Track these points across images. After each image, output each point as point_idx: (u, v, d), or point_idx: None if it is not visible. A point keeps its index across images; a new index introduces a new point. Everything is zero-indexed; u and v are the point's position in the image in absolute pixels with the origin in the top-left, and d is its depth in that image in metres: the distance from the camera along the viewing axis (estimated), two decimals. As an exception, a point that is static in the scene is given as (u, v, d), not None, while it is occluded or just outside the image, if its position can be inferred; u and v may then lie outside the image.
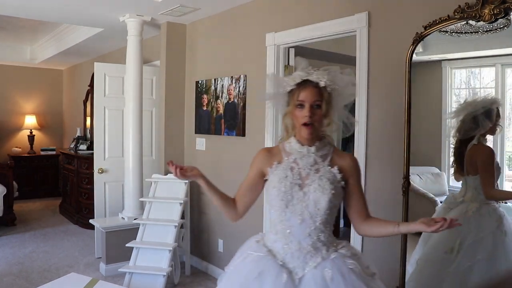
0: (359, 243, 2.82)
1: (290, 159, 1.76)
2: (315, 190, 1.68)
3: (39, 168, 7.75)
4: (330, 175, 1.72)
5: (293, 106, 1.73)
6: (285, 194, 1.69)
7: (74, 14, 4.23)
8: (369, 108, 2.77)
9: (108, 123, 4.88)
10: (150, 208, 4.01)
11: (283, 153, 1.80)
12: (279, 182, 1.71)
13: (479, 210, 2.28)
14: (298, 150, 1.76)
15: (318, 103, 1.70)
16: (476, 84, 2.56)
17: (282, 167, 1.75)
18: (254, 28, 3.66)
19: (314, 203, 1.68)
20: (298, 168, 1.74)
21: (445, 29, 2.31)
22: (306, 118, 1.69)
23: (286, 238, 1.70)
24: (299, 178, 1.72)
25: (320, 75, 1.71)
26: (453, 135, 2.42)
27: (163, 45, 4.49)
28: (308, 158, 1.74)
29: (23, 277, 4.00)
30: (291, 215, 1.69)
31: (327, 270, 1.63)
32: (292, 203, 1.69)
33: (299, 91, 1.71)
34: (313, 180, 1.70)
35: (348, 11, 2.86)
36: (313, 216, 1.68)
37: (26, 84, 7.96)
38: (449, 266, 2.31)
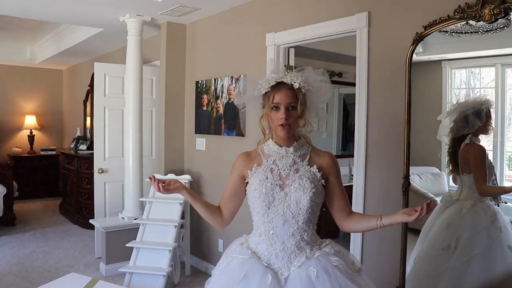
0: (359, 243, 2.82)
1: (270, 161, 1.79)
2: (296, 189, 1.71)
3: (39, 168, 7.75)
4: (310, 174, 1.75)
5: (268, 108, 1.75)
6: (266, 196, 1.72)
7: (74, 14, 4.23)
8: (369, 108, 2.77)
9: (108, 123, 4.88)
10: (150, 208, 4.01)
11: (262, 155, 1.82)
12: (259, 184, 1.74)
13: (473, 207, 2.33)
14: (277, 151, 1.79)
15: (293, 105, 1.73)
16: (476, 84, 2.56)
17: (262, 169, 1.77)
18: (254, 28, 3.66)
19: (296, 202, 1.70)
20: (278, 169, 1.77)
21: (445, 29, 2.31)
22: (281, 120, 1.72)
23: (269, 239, 1.73)
24: (280, 179, 1.75)
25: (294, 76, 1.74)
26: (446, 135, 2.44)
27: (163, 45, 4.49)
28: (287, 158, 1.78)
29: (23, 277, 4.00)
30: (273, 216, 1.72)
31: (311, 268, 1.66)
32: (274, 204, 1.72)
33: (274, 94, 1.73)
34: (293, 180, 1.73)
35: (348, 11, 2.86)
36: (295, 216, 1.71)
37: (26, 84, 7.96)
38: (447, 262, 2.35)
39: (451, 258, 2.33)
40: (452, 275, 2.32)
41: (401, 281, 2.48)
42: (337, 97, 5.77)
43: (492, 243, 2.27)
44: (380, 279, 2.72)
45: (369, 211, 2.77)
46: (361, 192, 2.80)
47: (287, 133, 1.75)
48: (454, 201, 2.41)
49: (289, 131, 1.75)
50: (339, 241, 5.67)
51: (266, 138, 1.86)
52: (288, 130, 1.74)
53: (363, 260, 2.81)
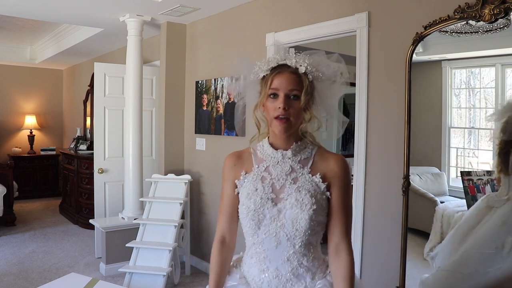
0: (359, 243, 2.82)
1: (261, 167, 1.43)
2: (292, 206, 1.36)
3: (39, 168, 7.75)
4: (311, 185, 1.39)
5: (265, 95, 1.39)
6: (255, 213, 1.38)
7: (74, 14, 4.23)
8: (369, 108, 2.77)
9: (108, 123, 4.88)
10: (150, 208, 4.01)
11: (254, 159, 1.47)
12: (247, 197, 1.40)
13: None
14: (271, 156, 1.43)
15: (296, 93, 1.37)
16: (476, 84, 2.56)
17: (251, 178, 1.42)
18: (254, 28, 3.66)
19: (291, 222, 1.36)
20: (271, 178, 1.41)
21: (445, 29, 2.31)
22: (279, 110, 1.35)
23: (261, 264, 1.41)
24: (272, 191, 1.39)
25: (300, 59, 1.40)
26: (497, 136, 2.39)
27: (163, 45, 4.49)
28: (283, 165, 1.41)
29: (23, 277, 4.00)
30: (264, 236, 1.39)
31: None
32: (265, 223, 1.38)
33: (272, 77, 1.38)
34: (289, 194, 1.37)
35: (348, 11, 2.86)
36: (290, 238, 1.37)
37: (26, 84, 7.96)
38: (500, 261, 2.25)
39: (506, 258, 2.25)
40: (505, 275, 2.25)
41: (401, 281, 2.48)
42: (337, 97, 5.75)
43: None
44: (380, 279, 2.72)
45: (369, 211, 2.77)
46: (361, 192, 2.80)
47: (285, 129, 1.37)
48: (504, 200, 2.36)
49: (287, 126, 1.37)
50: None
51: (260, 134, 1.49)
52: (286, 125, 1.36)
53: (363, 260, 2.81)
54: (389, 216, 2.64)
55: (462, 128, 2.62)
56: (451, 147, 2.61)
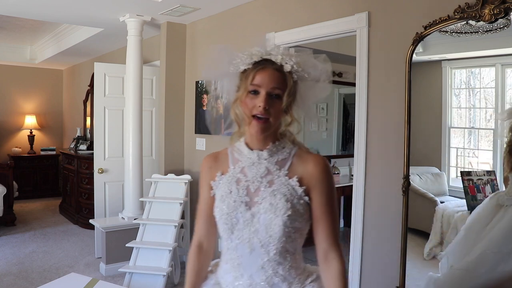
0: (359, 243, 2.82)
1: (237, 168, 1.35)
2: (265, 210, 1.27)
3: (39, 168, 7.74)
4: (287, 189, 1.29)
5: (244, 91, 1.29)
6: (228, 216, 1.30)
7: (74, 14, 4.23)
8: (369, 108, 2.77)
9: (108, 123, 4.88)
10: (150, 208, 4.01)
11: (230, 159, 1.38)
12: (221, 200, 1.32)
13: None
14: (247, 156, 1.34)
15: (278, 92, 1.27)
16: (476, 84, 2.56)
17: (226, 180, 1.34)
18: (254, 28, 3.65)
19: (265, 228, 1.27)
20: (246, 180, 1.32)
21: (445, 29, 2.31)
22: (259, 109, 1.25)
23: (235, 271, 1.33)
24: (247, 194, 1.30)
25: (286, 56, 1.30)
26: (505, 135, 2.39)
27: (163, 45, 4.49)
28: (259, 166, 1.32)
29: (23, 277, 4.00)
30: (238, 242, 1.30)
31: None
32: (238, 227, 1.30)
33: (255, 72, 1.27)
34: (263, 197, 1.29)
35: (348, 11, 2.86)
36: (264, 245, 1.28)
37: (26, 84, 7.96)
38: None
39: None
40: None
41: (401, 281, 2.48)
42: (337, 97, 5.76)
43: None
44: (380, 279, 2.72)
45: (369, 211, 2.77)
46: (361, 192, 2.80)
47: (263, 130, 1.28)
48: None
49: (266, 127, 1.28)
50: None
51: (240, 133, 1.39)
52: (265, 126, 1.27)
53: (363, 260, 2.81)
54: (389, 216, 2.64)
55: (462, 128, 2.62)
56: (451, 147, 2.61)
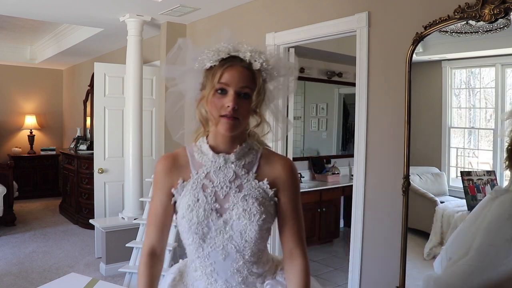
0: (359, 243, 2.82)
1: (201, 174, 1.28)
2: (239, 217, 1.24)
3: (39, 168, 7.74)
4: (258, 192, 1.27)
5: (211, 90, 1.21)
6: (198, 226, 1.24)
7: (74, 14, 4.23)
8: (369, 108, 2.77)
9: (108, 123, 4.88)
10: (150, 208, 4.00)
11: (191, 163, 1.30)
12: (188, 209, 1.24)
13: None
14: (211, 160, 1.28)
15: (247, 91, 1.22)
16: (476, 84, 2.56)
17: (191, 187, 1.27)
18: (254, 28, 3.65)
19: (240, 233, 1.24)
20: (213, 186, 1.26)
21: (445, 29, 2.31)
22: (228, 109, 1.19)
23: (208, 277, 1.30)
24: (216, 201, 1.25)
25: (255, 53, 1.24)
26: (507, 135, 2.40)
27: (163, 45, 4.49)
28: (226, 170, 1.27)
29: (23, 277, 4.00)
30: (211, 250, 1.26)
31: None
32: (210, 235, 1.25)
33: (222, 70, 1.20)
34: (234, 203, 1.25)
35: (348, 11, 2.86)
36: (240, 250, 1.26)
37: (26, 84, 7.96)
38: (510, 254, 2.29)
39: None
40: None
41: (401, 281, 2.48)
42: (337, 97, 5.77)
43: None
44: (380, 279, 2.72)
45: (369, 211, 2.77)
46: (361, 192, 2.80)
47: (232, 129, 1.22)
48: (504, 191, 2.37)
49: (234, 127, 1.22)
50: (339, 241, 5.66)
51: (203, 132, 1.31)
52: (233, 125, 1.21)
53: (363, 260, 2.81)
54: (389, 216, 2.64)
55: (462, 128, 2.62)
56: (451, 147, 2.61)
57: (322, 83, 5.54)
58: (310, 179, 5.21)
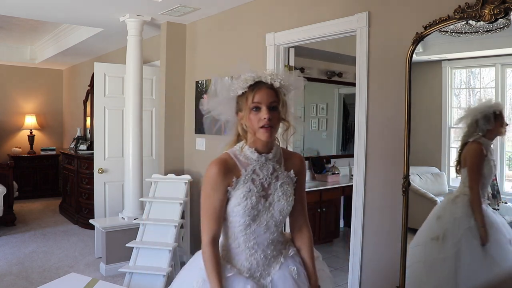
0: (359, 243, 2.82)
1: (249, 171, 1.64)
2: (279, 198, 1.65)
3: (39, 168, 7.75)
4: (289, 179, 1.70)
5: (247, 110, 1.60)
6: (252, 210, 1.60)
7: (74, 14, 4.23)
8: (369, 108, 2.77)
9: (108, 123, 4.88)
10: (150, 208, 4.00)
11: (239, 164, 1.65)
12: (244, 198, 1.60)
13: (455, 199, 2.43)
14: (256, 160, 1.65)
15: (275, 104, 1.60)
16: (476, 84, 2.56)
17: (243, 181, 1.62)
18: (254, 28, 3.66)
19: (279, 211, 1.65)
20: (259, 179, 1.64)
21: (445, 29, 2.31)
22: (264, 120, 1.57)
23: (250, 250, 1.65)
24: (262, 190, 1.64)
25: (273, 75, 1.63)
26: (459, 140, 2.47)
27: (163, 45, 4.49)
28: (268, 166, 1.66)
29: (23, 277, 4.00)
30: (256, 227, 1.64)
31: (291, 267, 1.67)
32: (259, 216, 1.63)
33: (253, 93, 1.59)
34: (275, 189, 1.65)
35: (348, 11, 2.86)
36: (277, 224, 1.67)
37: (26, 84, 7.96)
38: (438, 252, 2.43)
39: (441, 249, 2.41)
40: (445, 265, 2.38)
41: (401, 281, 2.48)
42: (337, 97, 5.77)
43: (462, 233, 2.36)
44: (380, 279, 2.72)
45: (370, 211, 2.77)
46: (361, 192, 2.80)
47: (270, 136, 1.60)
48: (447, 194, 2.48)
49: (271, 133, 1.60)
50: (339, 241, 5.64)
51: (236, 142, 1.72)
52: (271, 132, 1.59)
53: (363, 260, 2.82)
54: (389, 216, 2.64)
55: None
56: (451, 147, 2.61)
57: (322, 83, 5.54)
58: (310, 179, 5.21)
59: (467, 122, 2.42)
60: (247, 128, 1.63)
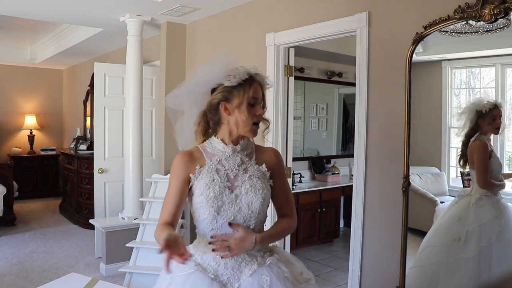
0: (359, 243, 2.82)
1: (214, 161, 1.60)
2: (247, 191, 1.56)
3: (39, 168, 7.74)
4: (260, 173, 1.62)
5: (245, 103, 1.56)
6: (215, 200, 1.54)
7: (74, 14, 4.23)
8: (369, 108, 2.77)
9: (108, 123, 4.88)
10: (150, 208, 4.00)
11: (205, 155, 1.63)
12: (206, 187, 1.55)
13: (478, 201, 2.37)
14: (222, 150, 1.61)
15: (263, 103, 1.62)
16: (476, 84, 2.56)
17: (207, 171, 1.58)
18: (254, 28, 3.66)
19: (247, 205, 1.56)
20: (225, 169, 1.59)
21: (445, 29, 2.31)
22: (259, 117, 1.59)
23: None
24: (228, 180, 1.58)
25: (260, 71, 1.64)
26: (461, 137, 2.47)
27: (163, 45, 4.49)
28: (235, 158, 1.61)
29: (23, 277, 4.00)
30: (223, 221, 1.55)
31: (264, 277, 1.52)
32: (224, 208, 1.55)
33: (252, 87, 1.57)
34: (243, 181, 1.58)
35: (348, 11, 2.86)
36: (246, 220, 1.56)
37: (26, 84, 7.96)
38: (459, 252, 2.40)
39: (463, 250, 2.39)
40: (465, 266, 2.37)
41: (401, 281, 2.48)
42: (337, 97, 5.77)
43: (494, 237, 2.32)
44: (380, 279, 2.72)
45: (370, 211, 2.77)
46: (361, 192, 2.80)
47: (257, 132, 1.62)
48: (465, 195, 2.45)
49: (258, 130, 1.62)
50: (339, 241, 5.63)
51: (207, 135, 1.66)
52: (258, 129, 1.61)
53: (363, 260, 2.82)
54: (389, 216, 2.64)
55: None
56: (451, 147, 2.62)
57: (322, 83, 5.53)
58: (310, 179, 5.21)
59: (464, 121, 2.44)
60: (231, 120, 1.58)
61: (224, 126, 1.62)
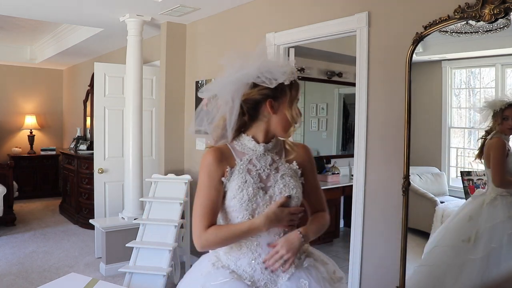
0: (359, 243, 2.82)
1: (245, 160, 1.50)
2: (280, 191, 1.48)
3: (39, 168, 7.75)
4: (291, 171, 1.54)
5: (291, 101, 1.51)
6: (249, 203, 1.45)
7: (74, 14, 4.23)
8: (369, 108, 2.77)
9: (108, 123, 4.88)
10: (150, 208, 4.00)
11: (235, 154, 1.52)
12: (239, 190, 1.45)
13: (493, 201, 2.34)
14: (253, 149, 1.52)
15: None
16: (476, 84, 2.56)
17: (238, 171, 1.48)
18: (254, 28, 3.65)
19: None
20: (256, 169, 1.50)
21: (445, 29, 2.31)
22: (300, 118, 1.53)
23: (253, 252, 1.47)
24: (260, 181, 1.48)
25: None
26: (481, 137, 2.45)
27: (163, 45, 4.49)
28: (266, 157, 1.52)
29: (23, 277, 4.00)
30: None
31: (302, 280, 1.45)
32: (258, 210, 1.46)
33: (295, 88, 1.52)
34: (275, 181, 1.50)
35: (348, 11, 2.86)
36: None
37: (26, 84, 7.96)
38: (468, 253, 2.37)
39: (472, 251, 2.36)
40: (473, 267, 2.35)
41: (401, 281, 2.48)
42: (337, 97, 5.77)
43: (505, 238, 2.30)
44: (380, 279, 2.72)
45: (370, 211, 2.77)
46: (361, 192, 2.80)
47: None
48: (480, 195, 2.42)
49: None
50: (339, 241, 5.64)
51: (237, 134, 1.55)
52: None
53: (363, 260, 2.82)
54: (389, 216, 2.64)
55: (462, 128, 2.62)
56: (451, 147, 2.61)
57: (322, 83, 5.54)
58: (310, 179, 5.21)
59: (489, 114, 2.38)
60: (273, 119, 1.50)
61: (260, 124, 1.52)
